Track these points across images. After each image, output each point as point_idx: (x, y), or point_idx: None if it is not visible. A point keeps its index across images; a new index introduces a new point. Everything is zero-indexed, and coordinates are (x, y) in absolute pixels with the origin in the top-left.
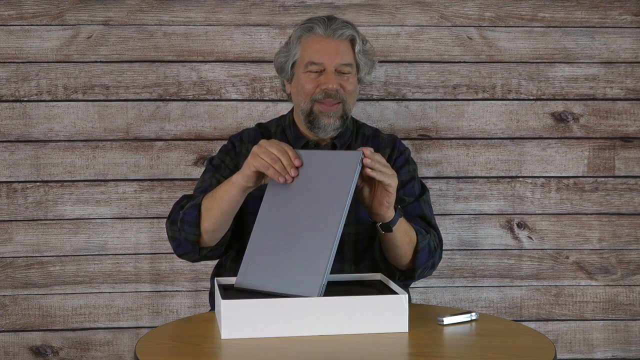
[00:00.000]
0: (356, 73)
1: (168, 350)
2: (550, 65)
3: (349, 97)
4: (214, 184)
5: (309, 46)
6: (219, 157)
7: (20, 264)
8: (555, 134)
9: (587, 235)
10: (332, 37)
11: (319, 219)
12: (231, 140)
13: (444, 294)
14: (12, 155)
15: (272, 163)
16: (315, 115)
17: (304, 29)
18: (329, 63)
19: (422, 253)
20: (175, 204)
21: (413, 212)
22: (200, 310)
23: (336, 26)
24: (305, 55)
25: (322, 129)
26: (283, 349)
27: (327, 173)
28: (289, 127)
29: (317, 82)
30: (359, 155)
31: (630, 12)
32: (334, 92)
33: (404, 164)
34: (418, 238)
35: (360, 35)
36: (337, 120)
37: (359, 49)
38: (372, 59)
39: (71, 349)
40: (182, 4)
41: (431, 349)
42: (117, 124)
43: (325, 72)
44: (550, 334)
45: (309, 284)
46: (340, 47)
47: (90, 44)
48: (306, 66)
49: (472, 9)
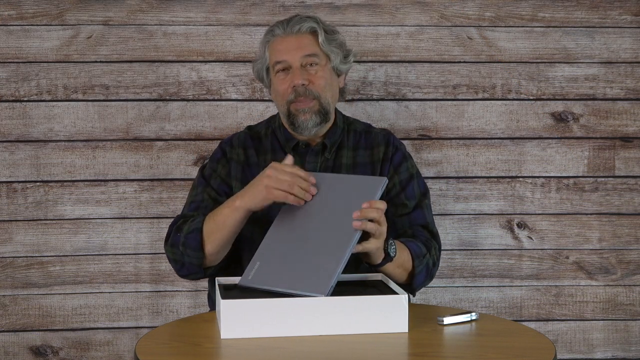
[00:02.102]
0: (327, 63)
1: (168, 350)
2: (550, 65)
3: (322, 91)
4: (206, 199)
5: (273, 48)
6: (210, 167)
7: (20, 264)
8: (555, 134)
9: (587, 235)
10: (291, 33)
11: (334, 230)
12: (221, 146)
13: (444, 294)
14: (12, 155)
15: (290, 190)
16: (293, 115)
17: (268, 34)
18: (292, 59)
19: (419, 276)
20: (171, 225)
21: (416, 220)
22: (200, 310)
23: (294, 22)
24: (272, 57)
25: (301, 127)
26: (283, 349)
27: (349, 195)
28: (279, 129)
29: (287, 82)
30: (383, 180)
31: (630, 12)
32: (302, 89)
33: (402, 161)
34: (415, 263)
35: (323, 25)
36: (313, 115)
37: (322, 38)
38: (343, 47)
39: (71, 349)
40: (182, 4)
41: (431, 349)
42: (117, 124)
43: (292, 69)
44: (550, 334)
45: (318, 282)
46: (302, 41)
47: (90, 44)
48: (274, 68)
49: (472, 9)
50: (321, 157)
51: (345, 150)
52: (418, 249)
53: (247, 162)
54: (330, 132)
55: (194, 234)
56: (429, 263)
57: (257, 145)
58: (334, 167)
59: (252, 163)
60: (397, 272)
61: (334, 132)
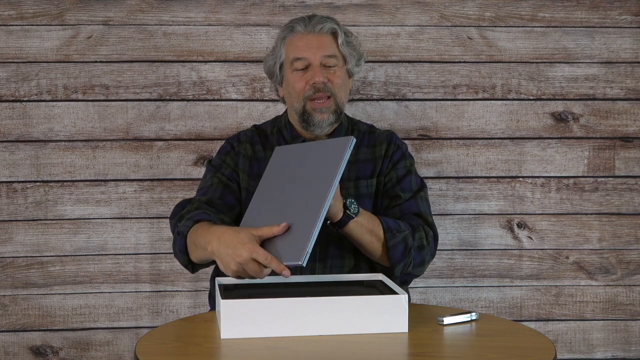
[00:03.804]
0: (343, 65)
1: (168, 350)
2: (550, 65)
3: (338, 90)
4: (215, 183)
5: (292, 44)
6: (219, 158)
7: (20, 264)
8: (555, 134)
9: (587, 235)
10: (313, 32)
11: (309, 197)
12: (229, 141)
13: (444, 294)
14: (12, 155)
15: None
16: (308, 113)
17: (286, 30)
18: (313, 57)
19: (394, 251)
20: (177, 205)
21: (409, 209)
22: (200, 310)
23: (316, 21)
24: (290, 54)
25: (317, 126)
26: (283, 349)
27: (319, 159)
28: (285, 127)
29: (305, 79)
30: (350, 139)
31: (630, 12)
32: (322, 85)
33: (401, 158)
34: (386, 236)
35: (342, 28)
36: (330, 115)
37: (342, 40)
38: (358, 51)
39: (71, 349)
40: (182, 4)
41: (431, 349)
42: (117, 124)
43: (311, 66)
44: (550, 334)
45: (294, 252)
46: (323, 41)
47: (90, 44)
48: (292, 64)
49: (472, 9)
50: None
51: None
52: (394, 223)
53: (255, 157)
54: (336, 130)
55: (180, 237)
56: (408, 242)
57: (263, 142)
58: None
59: (260, 158)
60: (367, 240)
61: (339, 130)
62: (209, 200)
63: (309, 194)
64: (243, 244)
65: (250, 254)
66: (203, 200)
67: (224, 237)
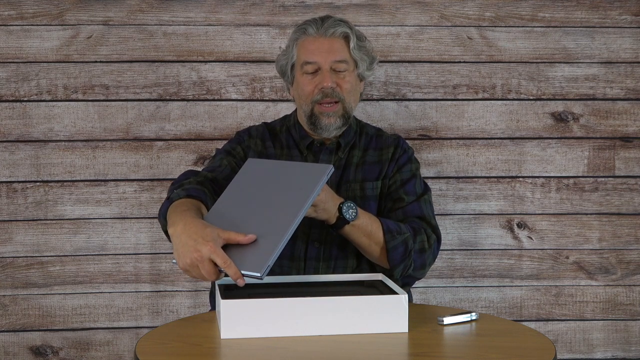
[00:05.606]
0: (354, 70)
1: (168, 350)
2: (550, 65)
3: (347, 95)
4: (225, 165)
5: (304, 47)
6: (230, 145)
7: (20, 264)
8: (555, 134)
9: (587, 235)
10: (324, 35)
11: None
12: (239, 134)
13: (444, 294)
14: (12, 155)
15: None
16: (316, 116)
17: (298, 32)
18: (323, 61)
19: (394, 252)
20: (183, 173)
21: (412, 212)
22: (200, 310)
23: (328, 25)
24: (301, 56)
25: (324, 129)
26: (283, 349)
27: (294, 180)
28: (293, 127)
29: (314, 83)
30: (328, 167)
31: (630, 12)
32: (330, 91)
33: (406, 162)
34: (386, 238)
35: (355, 32)
36: (337, 119)
37: (354, 45)
38: (370, 54)
39: (71, 349)
40: (182, 4)
41: (431, 349)
42: (117, 124)
43: (321, 71)
44: (550, 334)
45: (256, 263)
46: (334, 45)
47: (90, 44)
48: (302, 67)
49: (472, 9)
50: (335, 156)
51: (357, 150)
52: (395, 225)
53: (265, 153)
54: (345, 132)
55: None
56: (410, 244)
57: (273, 139)
58: (345, 166)
59: (270, 154)
60: (365, 242)
61: (348, 133)
62: (214, 178)
63: (279, 211)
64: (206, 241)
65: (210, 254)
66: (209, 176)
67: (190, 226)
